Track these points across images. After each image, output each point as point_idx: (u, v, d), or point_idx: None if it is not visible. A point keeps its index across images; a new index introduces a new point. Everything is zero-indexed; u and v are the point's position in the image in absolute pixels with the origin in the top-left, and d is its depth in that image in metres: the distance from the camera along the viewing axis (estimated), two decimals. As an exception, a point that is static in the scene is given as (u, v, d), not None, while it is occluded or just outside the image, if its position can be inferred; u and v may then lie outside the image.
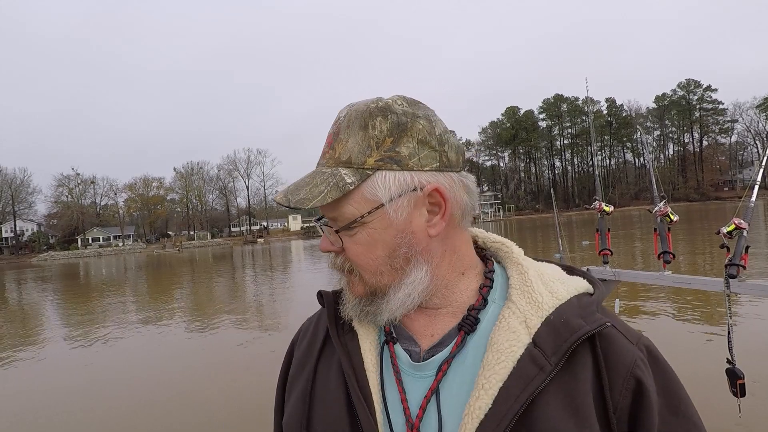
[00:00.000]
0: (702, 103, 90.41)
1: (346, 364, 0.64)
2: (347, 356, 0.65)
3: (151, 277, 25.86)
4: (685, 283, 2.45)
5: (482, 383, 0.56)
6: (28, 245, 78.65)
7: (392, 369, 0.63)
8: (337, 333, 0.68)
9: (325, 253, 0.67)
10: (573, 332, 0.57)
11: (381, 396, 0.62)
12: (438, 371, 0.60)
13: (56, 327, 12.04)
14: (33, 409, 5.85)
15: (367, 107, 0.61)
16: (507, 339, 0.58)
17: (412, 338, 0.65)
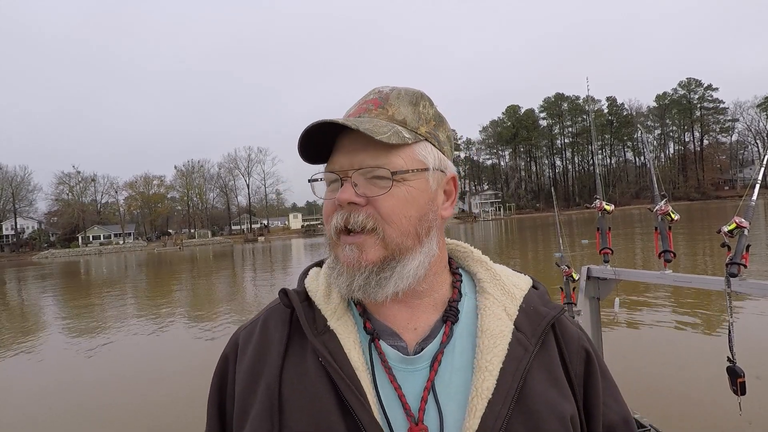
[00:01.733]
0: (703, 102, 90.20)
1: (333, 366, 0.61)
2: (330, 356, 0.61)
3: (152, 275, 25.88)
4: (686, 282, 2.44)
5: (485, 366, 0.61)
6: (28, 243, 78.63)
7: (382, 366, 0.63)
8: (314, 333, 0.64)
9: (343, 205, 0.62)
10: (543, 317, 0.67)
11: (376, 395, 0.60)
12: (433, 362, 0.62)
13: (56, 326, 12.05)
14: (34, 406, 5.87)
15: (414, 90, 0.69)
16: (497, 325, 0.64)
17: (396, 333, 0.65)
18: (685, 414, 4.18)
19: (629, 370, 5.12)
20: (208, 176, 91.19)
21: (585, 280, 3.05)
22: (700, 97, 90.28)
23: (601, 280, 3.03)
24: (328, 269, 0.68)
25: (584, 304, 3.06)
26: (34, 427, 5.32)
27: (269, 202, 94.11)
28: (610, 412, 0.69)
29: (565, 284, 3.20)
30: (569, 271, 3.15)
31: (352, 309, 0.68)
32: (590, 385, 0.68)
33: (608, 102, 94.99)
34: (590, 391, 0.68)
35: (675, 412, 4.18)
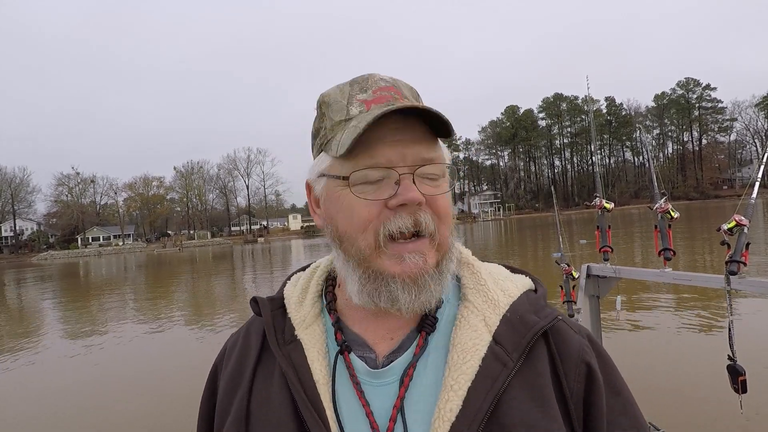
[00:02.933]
0: (701, 101, 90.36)
1: (293, 377, 0.57)
2: (292, 368, 0.58)
3: (152, 277, 25.86)
4: (685, 280, 2.45)
5: (450, 384, 0.54)
6: (27, 244, 78.55)
7: (350, 380, 0.58)
8: (278, 343, 0.61)
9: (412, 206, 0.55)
10: (530, 328, 0.58)
11: (334, 411, 0.56)
12: (403, 377, 0.57)
13: (56, 326, 12.04)
14: (34, 407, 5.86)
15: (410, 85, 0.65)
16: (470, 338, 0.57)
17: (366, 344, 0.60)
18: (686, 412, 4.19)
19: (629, 368, 5.11)
20: (207, 177, 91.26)
21: (585, 278, 3.05)
22: (699, 96, 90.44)
23: (601, 278, 3.04)
24: (344, 279, 0.61)
25: (584, 302, 3.07)
26: (35, 427, 5.32)
27: (269, 203, 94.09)
28: (618, 430, 0.60)
29: (565, 282, 3.20)
30: (569, 270, 3.16)
31: (324, 316, 0.64)
32: (592, 404, 0.59)
33: (607, 102, 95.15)
34: (593, 410, 0.59)
35: (675, 411, 4.19)
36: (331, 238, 0.60)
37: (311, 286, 0.67)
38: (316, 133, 0.63)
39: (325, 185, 0.59)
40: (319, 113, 0.63)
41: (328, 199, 0.59)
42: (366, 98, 0.59)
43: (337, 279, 0.66)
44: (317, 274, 0.69)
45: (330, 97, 0.62)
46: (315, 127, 0.64)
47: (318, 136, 0.62)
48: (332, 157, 0.58)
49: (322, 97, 0.63)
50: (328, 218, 0.60)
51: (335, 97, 0.61)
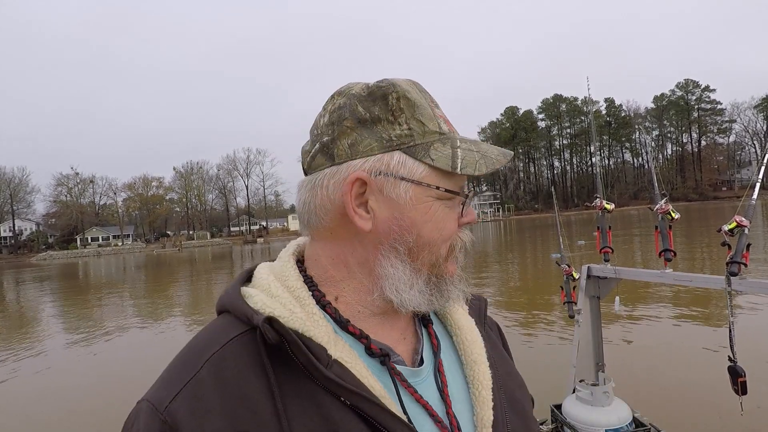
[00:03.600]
0: (700, 103, 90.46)
1: (369, 401, 0.51)
2: (359, 392, 0.52)
3: (152, 277, 25.84)
4: (686, 281, 2.45)
5: (477, 359, 0.64)
6: (26, 244, 78.46)
7: (404, 387, 0.57)
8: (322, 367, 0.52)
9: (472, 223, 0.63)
10: (480, 308, 0.73)
11: (408, 420, 0.54)
12: (436, 368, 0.62)
13: (56, 327, 12.03)
14: (33, 409, 5.86)
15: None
16: (467, 321, 0.67)
17: (390, 348, 0.60)
18: (686, 413, 4.19)
19: (629, 369, 5.13)
20: (207, 177, 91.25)
21: (585, 279, 3.05)
22: (698, 98, 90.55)
23: (602, 279, 3.04)
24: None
25: (584, 303, 3.07)
26: (35, 428, 5.31)
27: (268, 204, 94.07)
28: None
29: (566, 283, 3.20)
30: (569, 270, 3.16)
31: (339, 333, 0.57)
32: (508, 352, 0.76)
33: (606, 103, 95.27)
34: (509, 356, 0.76)
35: (675, 412, 4.19)
36: (402, 245, 0.56)
37: (304, 300, 0.57)
38: (380, 124, 0.57)
39: (412, 191, 0.56)
40: (394, 105, 0.57)
41: (414, 207, 0.56)
42: (445, 117, 0.60)
43: (325, 289, 0.60)
44: (298, 286, 0.58)
45: (411, 95, 0.58)
46: (377, 115, 0.57)
47: (391, 130, 0.57)
48: (430, 166, 0.56)
49: (399, 89, 0.57)
50: (407, 225, 0.56)
51: (419, 100, 0.58)
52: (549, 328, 7.53)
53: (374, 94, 0.57)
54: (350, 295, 0.59)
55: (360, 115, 0.57)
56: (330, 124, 0.58)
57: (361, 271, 0.58)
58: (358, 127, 0.57)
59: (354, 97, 0.58)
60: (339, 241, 0.59)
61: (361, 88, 0.59)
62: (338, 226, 0.58)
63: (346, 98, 0.58)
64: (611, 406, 2.81)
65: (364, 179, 0.56)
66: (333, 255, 0.59)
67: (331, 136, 0.58)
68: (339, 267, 0.59)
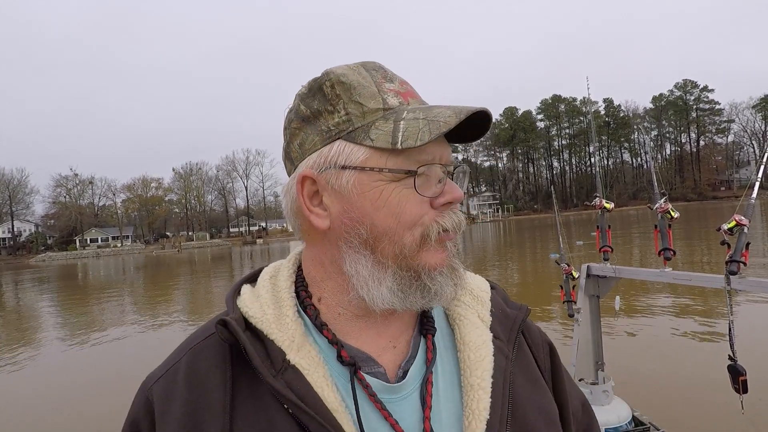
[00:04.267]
0: (699, 103, 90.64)
1: (308, 413, 0.49)
2: (301, 401, 0.49)
3: (151, 278, 25.81)
4: (685, 280, 2.46)
5: (477, 383, 0.55)
6: (25, 246, 78.40)
7: (370, 401, 0.52)
8: (271, 373, 0.50)
9: (455, 203, 0.55)
10: (514, 321, 0.63)
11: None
12: (423, 385, 0.55)
13: (54, 328, 12.02)
14: (32, 409, 5.85)
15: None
16: (478, 335, 0.59)
17: (370, 358, 0.55)
18: (685, 412, 4.20)
19: (628, 368, 5.13)
20: (206, 178, 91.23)
21: (585, 278, 3.06)
22: (696, 98, 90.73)
23: (601, 278, 3.05)
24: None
25: (584, 302, 3.08)
26: (34, 428, 5.30)
27: (267, 205, 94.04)
28: (573, 399, 0.68)
29: (565, 282, 3.21)
30: (569, 269, 3.16)
31: (312, 335, 0.55)
32: (557, 377, 0.66)
33: (605, 103, 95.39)
34: (558, 382, 0.66)
35: (675, 410, 4.19)
36: (356, 238, 0.53)
37: (283, 301, 0.56)
38: (321, 117, 0.54)
39: (355, 179, 0.52)
40: (329, 94, 0.54)
41: (361, 195, 0.52)
42: (398, 90, 0.55)
43: (312, 290, 0.58)
44: (283, 287, 0.57)
45: (348, 77, 0.54)
46: (316, 108, 0.54)
47: (330, 120, 0.54)
48: (371, 147, 0.52)
49: (333, 75, 0.55)
50: (357, 216, 0.53)
51: (357, 80, 0.54)
52: (548, 328, 7.53)
53: (312, 88, 0.56)
54: (331, 296, 0.57)
55: (302, 113, 0.55)
56: (284, 130, 0.58)
57: (334, 270, 0.56)
58: (304, 125, 0.55)
59: (298, 97, 0.57)
60: (314, 242, 0.57)
61: (304, 86, 0.57)
62: (309, 228, 0.56)
63: (295, 100, 0.58)
64: (611, 404, 2.82)
65: (311, 176, 0.54)
66: (312, 256, 0.58)
67: (286, 141, 0.58)
68: (317, 268, 0.57)
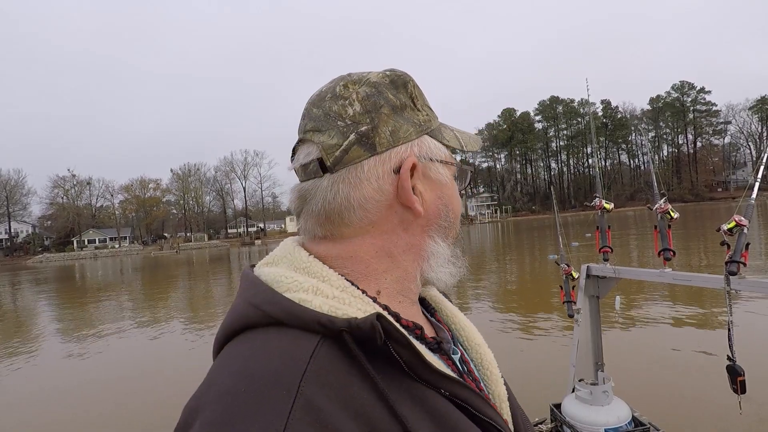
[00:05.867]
0: (696, 104, 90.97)
1: (464, 388, 0.51)
2: (457, 379, 0.51)
3: (151, 279, 25.73)
4: (685, 281, 2.46)
5: (479, 341, 0.67)
6: (22, 247, 78.10)
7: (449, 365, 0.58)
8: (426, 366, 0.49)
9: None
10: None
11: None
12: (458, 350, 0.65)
13: (52, 329, 11.96)
14: (31, 411, 5.82)
15: None
16: (455, 309, 0.70)
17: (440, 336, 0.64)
18: (685, 413, 4.20)
19: (628, 368, 5.13)
20: (204, 179, 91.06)
21: (585, 278, 3.06)
22: (693, 99, 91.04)
23: (601, 278, 3.05)
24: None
25: (584, 302, 3.08)
26: (31, 428, 5.28)
27: (265, 205, 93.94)
28: None
29: (565, 283, 3.21)
30: (569, 270, 3.16)
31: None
32: None
33: (603, 105, 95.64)
34: None
35: (674, 411, 4.20)
36: (444, 221, 0.60)
37: (361, 296, 0.52)
38: (406, 110, 0.58)
39: (444, 171, 0.60)
40: (412, 92, 0.59)
41: (446, 186, 0.60)
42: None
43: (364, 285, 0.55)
44: (341, 284, 0.53)
45: (415, 83, 0.61)
46: (404, 102, 0.58)
47: (417, 116, 0.59)
48: (447, 146, 0.61)
49: (411, 77, 0.61)
50: (444, 203, 0.60)
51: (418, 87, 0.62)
52: (548, 328, 7.54)
53: (396, 82, 0.58)
54: (392, 286, 0.57)
55: (392, 102, 0.57)
56: (366, 113, 0.55)
57: (405, 258, 0.58)
58: (393, 114, 0.57)
59: (379, 86, 0.57)
60: (382, 233, 0.57)
61: (381, 77, 0.58)
62: (382, 218, 0.56)
63: (371, 87, 0.57)
64: (610, 405, 2.82)
65: (416, 164, 0.57)
66: (377, 248, 0.57)
67: (371, 125, 0.55)
68: (383, 258, 0.57)
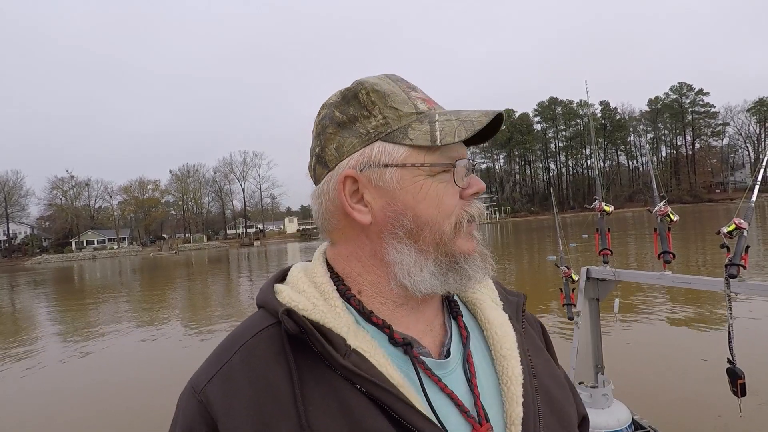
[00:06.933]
0: (694, 106, 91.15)
1: (384, 390, 0.53)
2: (374, 380, 0.53)
3: (150, 280, 25.68)
4: (685, 283, 2.46)
5: (508, 354, 0.63)
6: (21, 248, 77.94)
7: (428, 376, 0.58)
8: (341, 357, 0.54)
9: (479, 194, 0.62)
10: (517, 302, 0.74)
11: (431, 411, 0.55)
12: (464, 360, 0.62)
13: (51, 330, 11.93)
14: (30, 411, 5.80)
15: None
16: (498, 315, 0.68)
17: (415, 339, 0.61)
18: (685, 415, 4.20)
19: (628, 371, 5.13)
20: (203, 180, 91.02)
21: (584, 281, 3.06)
22: (692, 101, 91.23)
23: (601, 281, 3.04)
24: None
25: (584, 305, 3.07)
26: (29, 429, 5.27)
27: (264, 206, 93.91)
28: (562, 370, 0.77)
29: (565, 285, 3.20)
30: (569, 272, 3.16)
31: (362, 324, 0.59)
32: (550, 351, 0.77)
33: (601, 106, 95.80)
34: (552, 356, 0.76)
35: (674, 414, 4.19)
36: (400, 229, 0.59)
37: (328, 294, 0.60)
38: (357, 121, 0.60)
39: (398, 175, 0.58)
40: (365, 101, 0.60)
41: (403, 189, 0.58)
42: (423, 97, 0.62)
43: (349, 284, 0.62)
44: (324, 281, 0.61)
45: (381, 86, 0.61)
46: (353, 114, 0.60)
47: (367, 124, 0.60)
48: (410, 146, 0.58)
49: (368, 84, 0.61)
50: (401, 208, 0.58)
51: (389, 88, 0.61)
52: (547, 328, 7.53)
53: (347, 96, 0.62)
54: (370, 288, 0.61)
55: (338, 119, 0.61)
56: (317, 136, 0.63)
57: (373, 263, 0.61)
58: (339, 130, 0.61)
59: (331, 105, 0.63)
60: (349, 240, 0.62)
61: (336, 95, 0.63)
62: (345, 226, 0.62)
63: (326, 109, 0.63)
64: (610, 408, 2.81)
65: (352, 175, 0.59)
66: (347, 253, 0.62)
67: (320, 146, 0.62)
68: (354, 263, 0.62)
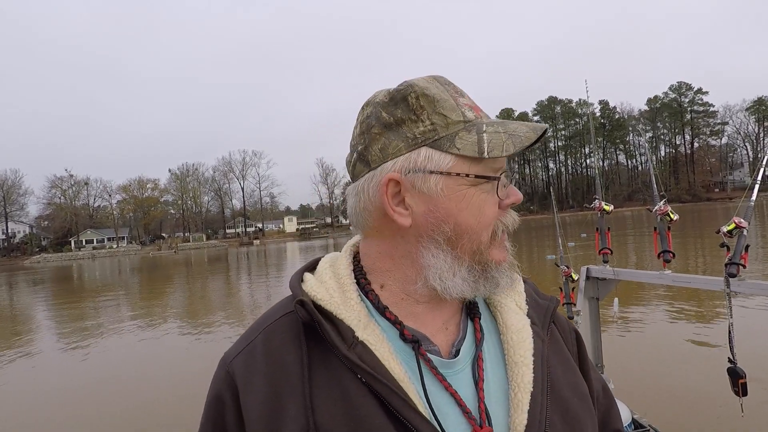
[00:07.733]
0: (693, 105, 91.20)
1: (379, 380, 0.56)
2: (372, 371, 0.56)
3: (150, 280, 25.66)
4: (685, 282, 2.46)
5: (520, 360, 0.62)
6: (20, 247, 77.82)
7: (433, 374, 0.59)
8: (345, 347, 0.57)
9: (515, 205, 0.64)
10: (546, 309, 0.72)
11: (428, 406, 0.57)
12: (474, 361, 0.62)
13: (49, 330, 11.92)
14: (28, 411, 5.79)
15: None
16: (518, 320, 0.66)
17: (426, 337, 0.62)
18: (685, 415, 4.20)
19: (628, 370, 5.13)
20: (202, 179, 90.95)
21: (584, 280, 3.06)
22: (691, 100, 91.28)
23: (601, 280, 3.04)
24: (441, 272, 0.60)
25: (583, 304, 3.07)
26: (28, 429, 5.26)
27: (264, 206, 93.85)
28: (595, 382, 0.75)
29: (565, 284, 3.20)
30: (569, 272, 3.16)
31: (374, 317, 0.62)
32: (583, 362, 0.74)
33: (601, 105, 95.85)
34: (583, 366, 0.74)
35: (674, 413, 4.20)
36: (440, 235, 0.60)
37: (345, 286, 0.63)
38: (404, 125, 0.60)
39: (443, 183, 0.59)
40: (414, 105, 0.60)
41: (446, 197, 0.59)
42: (470, 104, 0.62)
43: (372, 278, 0.65)
44: (344, 274, 0.65)
45: (431, 91, 0.61)
46: (400, 117, 0.61)
47: (414, 128, 0.60)
48: (457, 155, 0.59)
49: (417, 88, 0.61)
50: (442, 216, 0.59)
51: (439, 94, 0.61)
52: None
53: (395, 98, 0.62)
54: (395, 284, 0.63)
55: (385, 120, 0.61)
56: (361, 134, 0.63)
57: (404, 263, 0.63)
58: (385, 131, 0.61)
59: (378, 105, 0.63)
60: (384, 238, 0.63)
61: (383, 95, 0.63)
62: (382, 225, 0.63)
63: (372, 107, 0.63)
64: (611, 407, 2.80)
65: (397, 179, 0.60)
66: (380, 250, 0.64)
67: (364, 144, 0.63)
68: (385, 260, 0.64)
